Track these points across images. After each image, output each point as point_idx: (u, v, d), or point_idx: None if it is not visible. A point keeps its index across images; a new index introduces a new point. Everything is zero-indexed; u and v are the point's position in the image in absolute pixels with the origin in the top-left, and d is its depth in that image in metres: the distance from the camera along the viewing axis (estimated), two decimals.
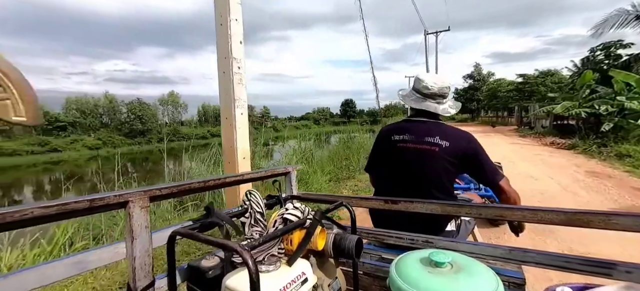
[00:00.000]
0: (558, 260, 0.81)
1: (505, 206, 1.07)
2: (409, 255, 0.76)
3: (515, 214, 0.93)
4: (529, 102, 20.73)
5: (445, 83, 1.29)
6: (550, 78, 21.76)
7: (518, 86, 24.38)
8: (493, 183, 1.20)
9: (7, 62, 0.35)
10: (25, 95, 0.36)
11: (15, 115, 0.35)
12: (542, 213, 0.85)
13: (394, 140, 1.31)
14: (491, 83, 36.12)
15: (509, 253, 0.86)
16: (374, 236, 1.12)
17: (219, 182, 0.99)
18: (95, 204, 0.66)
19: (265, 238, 0.69)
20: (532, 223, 0.90)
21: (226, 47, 1.78)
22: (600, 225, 0.78)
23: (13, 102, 0.35)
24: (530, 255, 0.84)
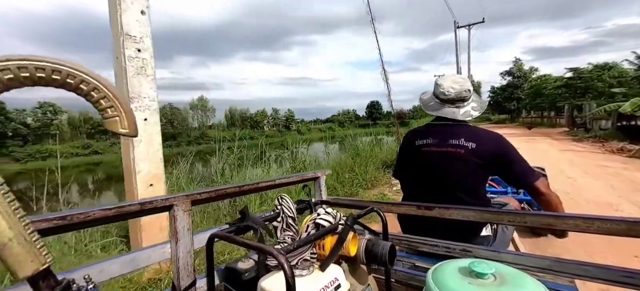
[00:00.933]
0: (619, 274, 0.73)
1: (553, 214, 1.00)
2: (447, 264, 0.74)
3: (567, 223, 0.84)
4: (583, 99, 18.67)
5: (464, 87, 1.26)
6: (608, 73, 19.47)
7: (568, 82, 22.19)
8: (527, 184, 1.15)
9: (112, 85, 0.45)
10: (127, 112, 0.47)
11: (122, 128, 0.46)
12: (599, 223, 0.77)
13: (418, 145, 1.31)
14: (534, 79, 33.43)
15: (559, 265, 0.80)
16: (407, 243, 1.10)
17: (253, 187, 1.04)
18: (146, 207, 0.74)
19: (300, 243, 0.71)
20: (587, 232, 0.82)
21: (116, 19, 1.19)
22: None
23: (120, 118, 0.46)
24: (584, 268, 0.77)
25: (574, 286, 0.84)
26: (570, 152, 8.39)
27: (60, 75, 0.40)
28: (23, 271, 0.39)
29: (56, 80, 0.40)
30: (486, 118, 45.36)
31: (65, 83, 0.40)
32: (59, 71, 0.40)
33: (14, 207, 0.39)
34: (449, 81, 1.28)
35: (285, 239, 0.88)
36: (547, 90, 25.23)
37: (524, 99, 34.08)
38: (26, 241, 0.39)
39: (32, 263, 0.40)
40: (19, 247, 0.38)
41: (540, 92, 26.63)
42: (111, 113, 0.45)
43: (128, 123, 0.46)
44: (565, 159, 7.04)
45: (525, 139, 12.09)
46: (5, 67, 0.36)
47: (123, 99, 0.46)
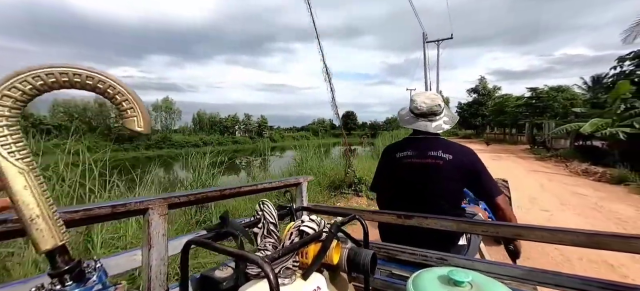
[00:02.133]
0: (577, 282, 0.82)
1: (523, 225, 1.11)
2: (426, 272, 0.78)
3: (534, 233, 0.95)
4: (542, 118, 20.62)
5: (436, 102, 1.38)
6: (561, 95, 21.86)
7: (528, 101, 24.45)
8: (492, 198, 1.28)
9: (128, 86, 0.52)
10: (144, 112, 0.53)
11: (138, 126, 0.52)
12: (562, 234, 0.87)
13: (398, 157, 1.40)
14: (497, 97, 36.45)
15: (525, 273, 0.89)
16: (386, 251, 1.15)
17: (235, 191, 1.04)
18: (118, 210, 0.71)
19: (284, 251, 0.71)
20: (551, 243, 0.92)
21: None
22: (621, 247, 0.81)
23: (138, 118, 0.52)
24: (549, 276, 0.86)
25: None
26: (538, 174, 8.16)
27: (92, 81, 0.48)
28: (45, 245, 0.46)
29: (89, 84, 0.48)
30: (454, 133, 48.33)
31: (96, 87, 0.49)
32: (92, 77, 0.48)
33: (43, 188, 0.46)
34: (423, 97, 1.41)
35: (265, 246, 0.88)
36: (509, 108, 27.58)
37: (488, 116, 36.91)
38: (50, 219, 0.46)
39: (52, 239, 0.46)
40: (43, 223, 0.45)
41: (502, 110, 29.09)
42: (131, 114, 0.52)
43: (144, 123, 0.53)
44: (535, 183, 6.79)
45: (491, 157, 12.60)
46: (50, 72, 0.44)
47: (140, 101, 0.53)
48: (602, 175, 7.45)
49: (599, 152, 10.72)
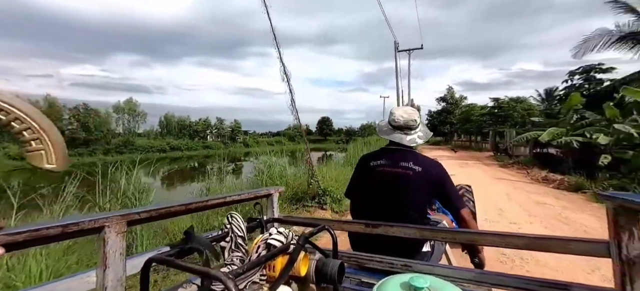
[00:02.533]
0: (523, 282, 0.93)
1: (476, 231, 1.20)
2: (390, 280, 0.81)
3: (485, 238, 1.06)
4: (504, 127, 22.13)
5: (412, 117, 1.48)
6: (520, 105, 23.80)
7: (491, 110, 26.24)
8: (456, 209, 1.39)
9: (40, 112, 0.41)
10: (56, 145, 0.43)
11: (48, 162, 0.42)
12: (510, 239, 0.99)
13: (372, 165, 1.48)
14: (464, 106, 38.75)
15: (480, 276, 0.98)
16: (355, 260, 1.18)
17: (201, 204, 1.01)
18: (69, 229, 0.66)
19: (250, 266, 0.71)
20: (500, 247, 1.04)
21: None
22: (559, 249, 0.93)
23: (47, 152, 0.42)
24: (499, 278, 0.96)
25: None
26: (503, 182, 8.31)
27: None
28: None
29: None
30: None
31: None
32: None
33: None
34: (400, 111, 1.51)
35: (233, 260, 0.87)
36: (474, 117, 29.40)
37: (455, 123, 39.08)
38: None
39: None
40: None
41: (469, 118, 30.95)
42: (36, 147, 0.42)
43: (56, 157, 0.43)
44: (501, 192, 6.89)
45: (459, 164, 13.26)
46: None
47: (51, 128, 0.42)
48: (561, 183, 7.80)
49: (555, 159, 11.40)
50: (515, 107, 23.24)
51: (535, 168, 10.51)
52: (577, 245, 0.90)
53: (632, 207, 0.78)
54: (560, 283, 0.89)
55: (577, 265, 3.01)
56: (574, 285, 0.87)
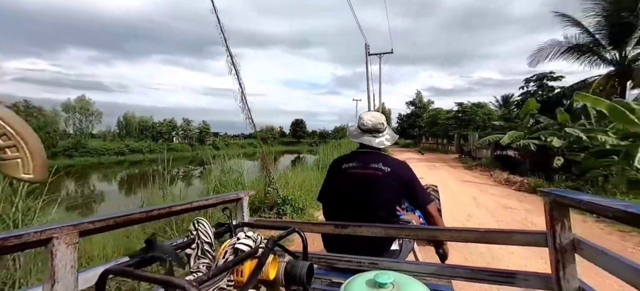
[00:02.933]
0: (476, 273, 1.04)
1: (436, 228, 1.32)
2: (357, 278, 0.85)
3: (444, 234, 1.17)
4: (467, 130, 23.50)
5: (379, 121, 1.58)
6: (480, 110, 25.37)
7: (455, 114, 27.61)
8: (423, 206, 1.47)
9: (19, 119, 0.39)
10: (35, 154, 0.40)
11: (25, 172, 0.40)
12: (465, 233, 1.11)
13: (344, 168, 1.55)
14: (431, 110, 40.46)
15: (440, 270, 1.09)
16: (325, 261, 1.22)
17: (165, 211, 0.97)
18: (9, 243, 0.59)
19: (215, 272, 0.71)
20: (458, 241, 1.15)
21: None
22: (505, 241, 1.05)
23: (24, 161, 0.40)
24: (456, 271, 1.07)
25: (451, 286, 1.11)
26: (470, 186, 8.43)
27: None
28: None
29: None
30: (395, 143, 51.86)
31: None
32: None
33: None
34: (369, 115, 1.61)
35: (199, 268, 0.86)
36: (441, 120, 30.75)
37: (423, 127, 40.62)
38: None
39: None
40: None
41: (435, 122, 32.32)
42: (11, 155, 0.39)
43: (33, 167, 0.40)
44: (469, 195, 6.99)
45: (427, 166, 13.73)
46: None
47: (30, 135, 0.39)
48: (521, 184, 8.20)
49: (513, 160, 12.10)
50: (477, 112, 24.67)
51: (497, 170, 11.06)
52: (520, 237, 1.03)
53: (564, 202, 0.90)
54: (506, 272, 1.02)
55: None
56: (518, 272, 1.01)
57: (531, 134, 10.07)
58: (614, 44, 11.41)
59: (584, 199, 0.82)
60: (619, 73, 11.15)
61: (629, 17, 10.17)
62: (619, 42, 11.03)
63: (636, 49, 11.19)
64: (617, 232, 4.17)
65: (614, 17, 10.47)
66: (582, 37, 11.84)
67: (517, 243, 1.05)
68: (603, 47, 11.73)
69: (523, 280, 0.99)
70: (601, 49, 11.77)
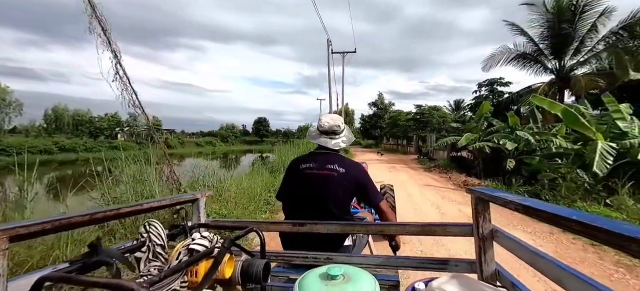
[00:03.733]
0: (418, 262, 1.23)
1: (384, 223, 1.49)
2: (310, 273, 0.90)
3: (391, 229, 1.39)
4: (425, 132, 24.75)
5: (336, 123, 1.69)
6: (436, 113, 26.69)
7: (414, 116, 28.70)
8: (375, 204, 1.59)
9: None
10: None
11: None
12: (409, 227, 1.28)
13: (302, 168, 1.63)
14: (392, 112, 41.71)
15: (387, 261, 1.24)
16: (283, 259, 1.31)
17: (112, 213, 0.94)
18: None
19: (167, 273, 0.70)
20: (402, 234, 1.46)
21: None
22: (441, 233, 1.23)
23: None
24: (402, 261, 1.24)
25: (397, 275, 1.23)
26: (430, 190, 8.18)
27: None
28: None
29: None
30: (357, 142, 52.89)
31: None
32: None
33: None
34: (327, 117, 1.71)
35: (150, 271, 0.84)
36: (401, 122, 31.70)
37: (384, 128, 41.69)
38: None
39: None
40: None
41: (396, 123, 33.25)
42: None
43: None
44: (431, 203, 6.60)
45: (387, 168, 13.87)
46: None
47: None
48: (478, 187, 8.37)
49: (466, 162, 12.66)
50: (434, 114, 25.82)
51: (454, 173, 11.42)
52: (453, 229, 1.21)
53: (484, 198, 1.09)
54: (441, 260, 1.19)
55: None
56: (450, 259, 1.19)
57: (485, 137, 10.41)
58: (554, 54, 12.39)
59: (499, 196, 1.00)
60: (559, 81, 12.09)
61: (568, 28, 11.00)
62: (559, 52, 11.99)
63: (572, 59, 12.21)
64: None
65: (555, 28, 11.29)
66: (528, 46, 12.66)
67: (451, 234, 1.22)
68: (545, 56, 12.66)
69: (454, 265, 1.17)
70: (544, 58, 12.70)
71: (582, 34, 11.41)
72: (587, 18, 11.10)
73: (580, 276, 0.72)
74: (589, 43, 11.63)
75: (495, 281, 1.08)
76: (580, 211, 0.88)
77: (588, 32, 11.31)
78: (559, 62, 12.51)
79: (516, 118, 9.84)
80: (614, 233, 0.54)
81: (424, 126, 26.14)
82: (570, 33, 11.30)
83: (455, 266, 1.16)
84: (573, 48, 11.97)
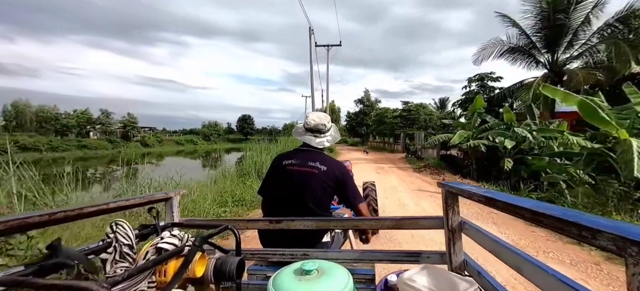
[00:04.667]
0: (392, 255, 1.30)
1: (359, 218, 1.54)
2: (285, 269, 0.90)
3: (366, 223, 1.38)
4: (413, 129, 24.49)
5: (322, 122, 1.70)
6: (423, 110, 26.70)
7: (401, 113, 28.16)
8: (353, 205, 1.62)
9: None
10: None
11: None
12: (383, 222, 1.39)
13: (284, 164, 1.64)
14: (379, 109, 41.07)
15: (363, 255, 1.28)
16: (260, 256, 1.33)
17: (74, 213, 0.90)
18: None
19: (131, 272, 0.70)
20: (378, 229, 1.44)
21: None
22: (414, 226, 1.30)
23: None
24: (377, 255, 1.30)
25: (373, 268, 1.28)
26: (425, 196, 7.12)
27: None
28: None
29: None
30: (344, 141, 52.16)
31: None
32: None
33: None
34: (313, 115, 1.73)
35: (116, 272, 0.82)
36: (388, 119, 31.08)
37: (371, 125, 41.01)
38: None
39: None
40: None
41: (382, 120, 32.61)
42: None
43: None
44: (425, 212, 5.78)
45: (374, 169, 12.86)
46: None
47: None
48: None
49: (457, 161, 12.09)
50: (421, 111, 25.43)
51: (447, 174, 10.80)
52: (425, 222, 1.28)
53: (453, 191, 1.16)
54: (414, 252, 1.25)
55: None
56: (423, 251, 1.25)
57: (479, 134, 9.72)
58: (548, 47, 11.93)
59: (465, 189, 1.07)
60: (553, 75, 11.57)
61: (564, 19, 10.45)
62: (552, 45, 11.54)
63: (565, 53, 11.72)
64: None
65: (550, 19, 10.74)
66: (521, 39, 12.09)
67: (424, 227, 1.29)
68: (538, 49, 12.17)
69: (426, 257, 1.24)
70: (536, 51, 12.21)
71: (576, 26, 11.01)
72: (582, 9, 10.63)
73: (536, 263, 0.79)
74: (582, 36, 11.25)
75: (463, 271, 1.16)
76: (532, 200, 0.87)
77: (582, 25, 10.96)
78: (552, 56, 12.07)
79: (512, 114, 9.24)
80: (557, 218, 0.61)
81: (411, 123, 25.69)
82: (565, 24, 10.83)
83: (427, 258, 1.23)
84: (566, 41, 11.52)
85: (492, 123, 10.06)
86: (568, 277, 0.69)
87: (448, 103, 33.42)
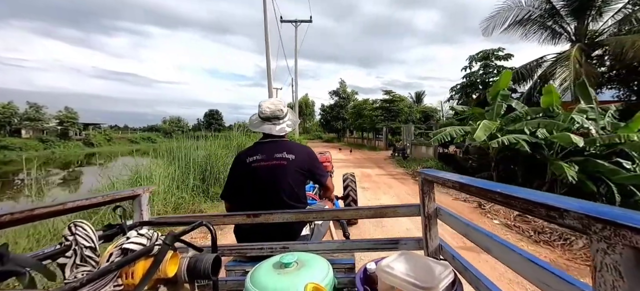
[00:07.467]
0: (371, 243, 1.33)
1: (340, 209, 1.66)
2: (263, 263, 0.92)
3: (346, 214, 1.43)
4: (395, 122, 21.24)
5: (278, 107, 1.66)
6: (403, 103, 26.06)
7: (382, 104, 25.56)
8: (321, 182, 1.68)
9: None
10: None
11: None
12: (362, 211, 1.40)
13: (248, 162, 1.58)
14: (357, 100, 38.02)
15: (343, 245, 1.32)
16: (237, 252, 1.31)
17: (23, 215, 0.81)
18: None
19: (91, 276, 0.68)
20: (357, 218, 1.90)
21: None
22: (393, 214, 1.31)
23: None
24: (356, 244, 1.34)
25: (353, 258, 1.33)
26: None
27: None
28: None
29: None
30: (318, 136, 48.84)
31: None
32: None
33: None
34: (268, 103, 1.67)
35: (77, 277, 0.78)
36: (367, 112, 28.16)
37: (347, 119, 37.98)
38: None
39: None
40: None
41: (361, 113, 29.66)
42: None
43: None
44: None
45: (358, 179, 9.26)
46: None
47: None
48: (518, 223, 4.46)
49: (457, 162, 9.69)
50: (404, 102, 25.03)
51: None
52: (403, 209, 1.32)
53: (429, 179, 1.22)
54: (393, 240, 1.31)
55: None
56: (401, 238, 1.31)
57: (508, 125, 6.63)
58: (574, 14, 9.16)
59: (440, 176, 1.13)
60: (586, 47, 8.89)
61: None
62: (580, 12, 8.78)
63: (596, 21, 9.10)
64: None
65: None
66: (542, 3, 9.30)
67: (401, 214, 1.32)
68: (562, 17, 9.45)
69: (404, 244, 1.31)
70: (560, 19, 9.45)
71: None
72: None
73: (503, 243, 0.86)
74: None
75: (438, 255, 1.23)
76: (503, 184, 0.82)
77: None
78: (580, 25, 9.36)
79: (557, 95, 6.29)
80: (526, 200, 0.65)
81: (395, 116, 22.90)
82: None
83: (405, 244, 1.31)
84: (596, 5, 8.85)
85: (525, 110, 7.08)
86: (531, 254, 0.77)
87: (423, 97, 36.21)
